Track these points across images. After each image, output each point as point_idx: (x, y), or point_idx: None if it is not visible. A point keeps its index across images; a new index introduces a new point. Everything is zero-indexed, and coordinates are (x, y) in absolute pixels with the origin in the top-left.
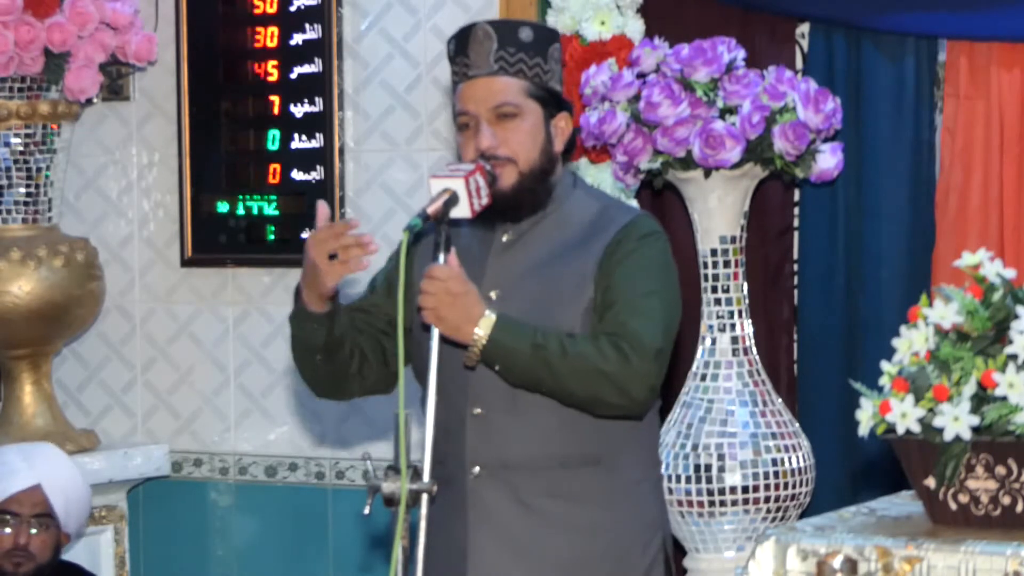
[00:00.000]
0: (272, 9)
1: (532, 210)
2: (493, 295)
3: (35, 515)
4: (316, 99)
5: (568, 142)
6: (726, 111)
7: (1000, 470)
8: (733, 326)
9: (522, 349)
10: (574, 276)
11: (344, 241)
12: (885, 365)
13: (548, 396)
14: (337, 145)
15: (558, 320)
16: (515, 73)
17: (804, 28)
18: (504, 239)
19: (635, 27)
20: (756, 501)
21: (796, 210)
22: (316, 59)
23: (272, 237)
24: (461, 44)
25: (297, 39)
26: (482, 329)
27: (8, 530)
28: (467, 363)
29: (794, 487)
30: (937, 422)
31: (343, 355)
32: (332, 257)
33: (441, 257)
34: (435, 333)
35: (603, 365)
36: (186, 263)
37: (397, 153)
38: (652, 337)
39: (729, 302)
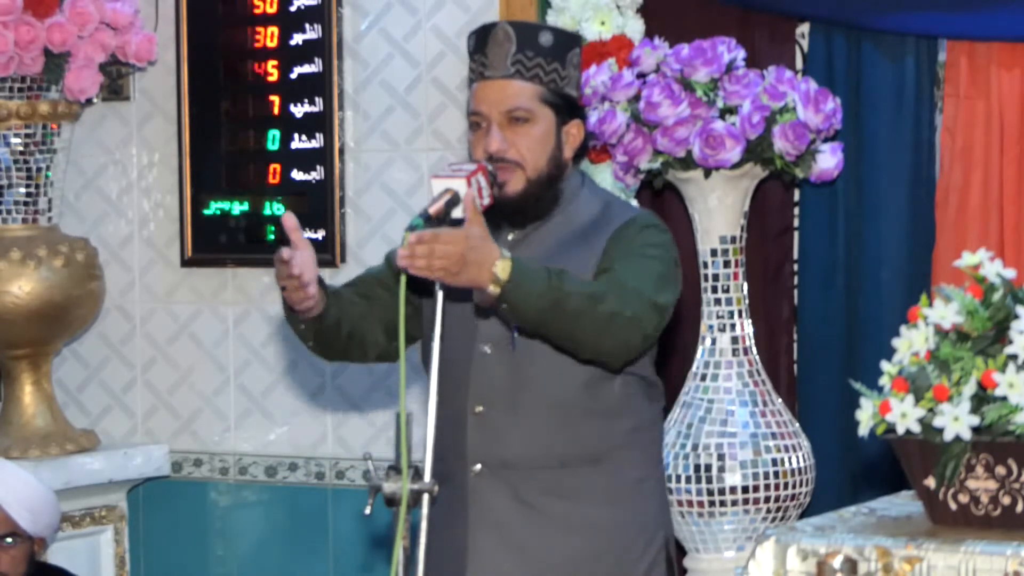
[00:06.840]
0: (272, 9)
1: (537, 215)
2: None
3: (2, 535)
4: (316, 99)
5: (579, 148)
6: (726, 111)
7: (1000, 470)
8: (733, 326)
9: (538, 290)
10: (577, 272)
11: (286, 279)
12: (885, 365)
13: (547, 338)
14: (337, 145)
15: None
16: (531, 78)
17: (804, 28)
18: (510, 238)
19: (635, 27)
20: (756, 501)
21: (796, 210)
22: (316, 59)
23: (272, 237)
24: (480, 42)
25: (297, 39)
26: (501, 272)
27: None
28: (480, 303)
29: (794, 487)
30: (937, 422)
31: (339, 338)
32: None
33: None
34: (436, 334)
35: (608, 308)
36: (186, 263)
37: (397, 153)
38: (650, 291)
39: (729, 302)
